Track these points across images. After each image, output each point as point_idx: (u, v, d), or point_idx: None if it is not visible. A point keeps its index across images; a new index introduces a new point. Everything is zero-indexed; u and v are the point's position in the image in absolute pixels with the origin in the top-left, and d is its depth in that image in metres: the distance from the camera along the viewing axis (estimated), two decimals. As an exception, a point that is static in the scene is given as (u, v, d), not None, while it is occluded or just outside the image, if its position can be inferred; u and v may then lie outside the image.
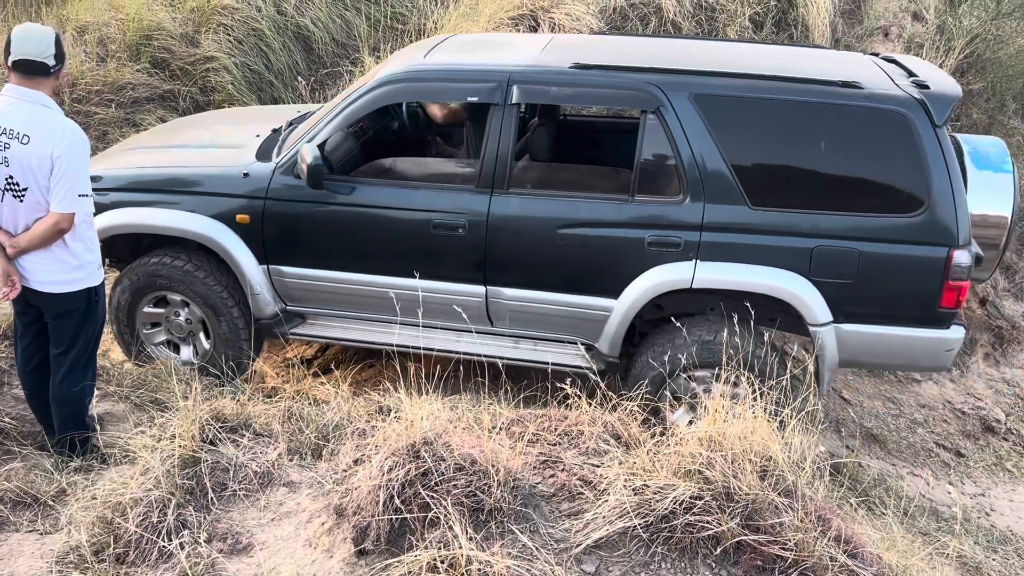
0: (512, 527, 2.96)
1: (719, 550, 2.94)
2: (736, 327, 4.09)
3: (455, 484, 2.98)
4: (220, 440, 3.53)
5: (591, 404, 3.66)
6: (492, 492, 2.99)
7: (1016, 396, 6.20)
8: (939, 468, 5.54)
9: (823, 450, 3.55)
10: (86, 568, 3.00)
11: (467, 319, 4.45)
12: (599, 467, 3.29)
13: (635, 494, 3.05)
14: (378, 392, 4.18)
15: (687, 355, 4.24)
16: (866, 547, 3.08)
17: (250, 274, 4.64)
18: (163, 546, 3.05)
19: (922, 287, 4.15)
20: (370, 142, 5.35)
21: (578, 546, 2.96)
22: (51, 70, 3.47)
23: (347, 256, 4.61)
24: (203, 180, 4.68)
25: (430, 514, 2.91)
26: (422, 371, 4.06)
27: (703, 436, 3.20)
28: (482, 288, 4.52)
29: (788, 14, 8.00)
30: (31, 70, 3.43)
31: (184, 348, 4.94)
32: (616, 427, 3.55)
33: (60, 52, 3.49)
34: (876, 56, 5.05)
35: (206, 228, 4.61)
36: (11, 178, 3.44)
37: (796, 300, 4.19)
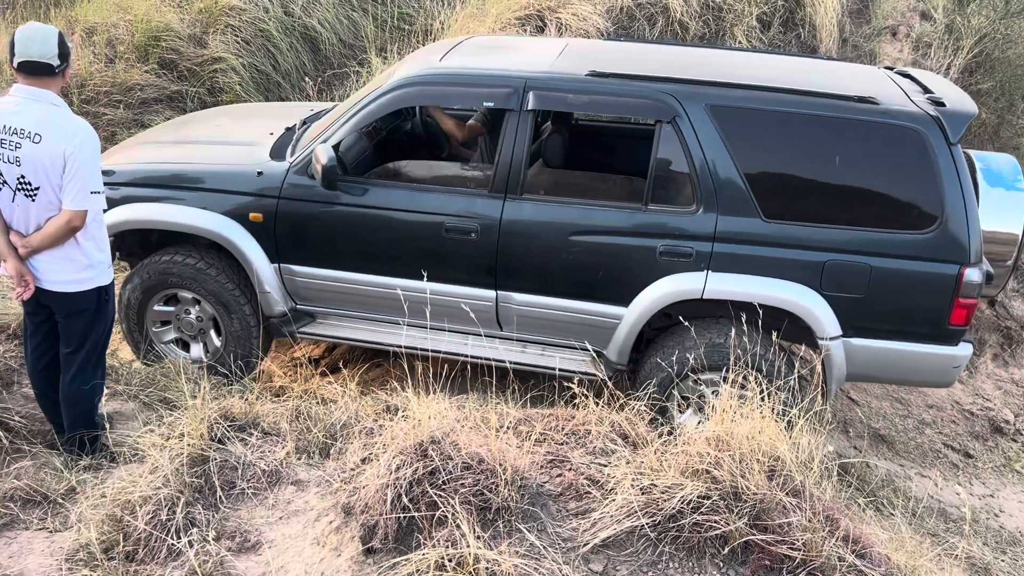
0: (520, 526, 2.96)
1: (727, 549, 2.94)
2: (744, 330, 4.09)
3: (463, 483, 2.99)
4: (228, 439, 3.54)
5: (598, 404, 3.66)
6: (499, 491, 2.99)
7: (1025, 397, 6.18)
8: (948, 469, 5.52)
9: (831, 450, 3.54)
10: (96, 566, 3.01)
11: (476, 323, 4.45)
12: (606, 466, 3.29)
13: (643, 493, 3.05)
14: (385, 392, 4.19)
15: (695, 357, 4.24)
16: (874, 547, 3.07)
17: (261, 272, 4.65)
18: (172, 544, 3.07)
19: (932, 304, 4.15)
20: (384, 144, 5.36)
21: (586, 545, 2.96)
22: (56, 70, 3.46)
23: (358, 257, 4.62)
24: (216, 177, 4.69)
25: (438, 513, 2.92)
26: (429, 371, 4.06)
27: (711, 436, 3.20)
28: (492, 292, 4.52)
29: (796, 14, 7.99)
30: (36, 71, 3.44)
31: (194, 346, 4.96)
32: (623, 427, 3.55)
33: (64, 51, 3.48)
34: (891, 70, 5.04)
35: (218, 226, 4.62)
36: (23, 177, 3.45)
37: (806, 313, 4.19)
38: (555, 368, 4.46)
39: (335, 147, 4.57)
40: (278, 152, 4.81)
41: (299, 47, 8.02)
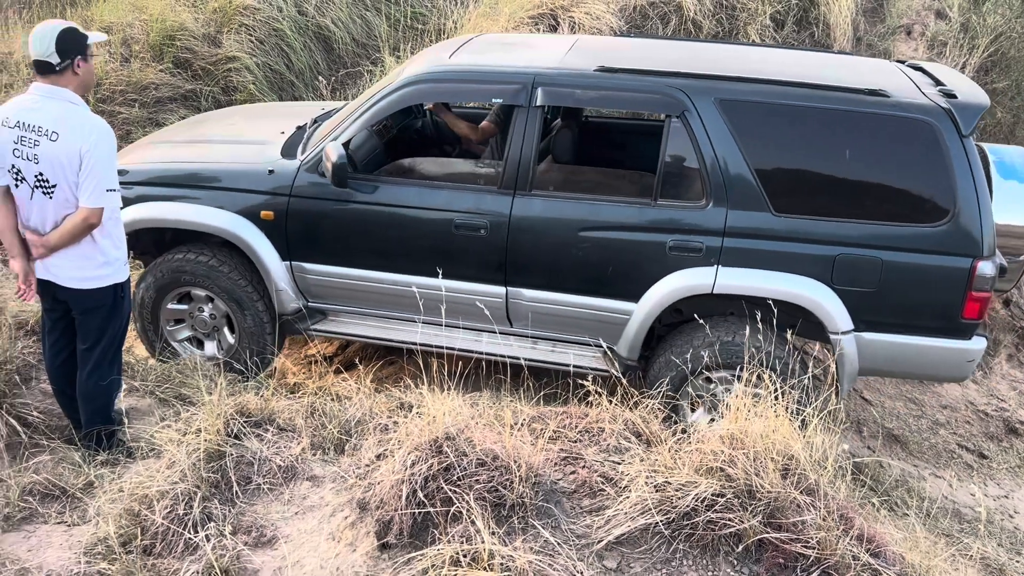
0: (534, 522, 2.98)
1: (741, 547, 2.95)
2: (756, 327, 4.08)
3: (477, 479, 3.00)
4: (245, 434, 3.57)
5: (611, 402, 3.67)
6: (514, 487, 3.00)
7: (1040, 397, 6.14)
8: (962, 470, 5.49)
9: (845, 449, 3.54)
10: (114, 559, 3.04)
11: (486, 319, 4.46)
12: (620, 464, 3.30)
13: (656, 491, 3.06)
14: (399, 389, 4.21)
15: (708, 355, 4.24)
16: (888, 547, 3.07)
17: (273, 270, 4.68)
18: (189, 538, 3.09)
19: (945, 297, 4.13)
20: (394, 141, 5.38)
21: (600, 542, 2.97)
22: (57, 67, 3.47)
23: (369, 254, 4.64)
24: (228, 176, 4.72)
25: (452, 508, 2.93)
26: (444, 368, 4.08)
27: (725, 434, 3.20)
28: (502, 289, 4.53)
29: (809, 12, 7.97)
30: (41, 69, 3.48)
31: (208, 344, 4.99)
32: (637, 425, 3.55)
33: (66, 47, 3.46)
34: (903, 63, 5.02)
35: (231, 224, 4.65)
36: (41, 175, 3.49)
37: (817, 308, 4.18)
38: (565, 364, 4.47)
39: (345, 145, 4.59)
40: (289, 151, 4.84)
41: (313, 46, 8.05)
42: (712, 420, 4.27)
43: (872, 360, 4.31)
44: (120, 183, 3.85)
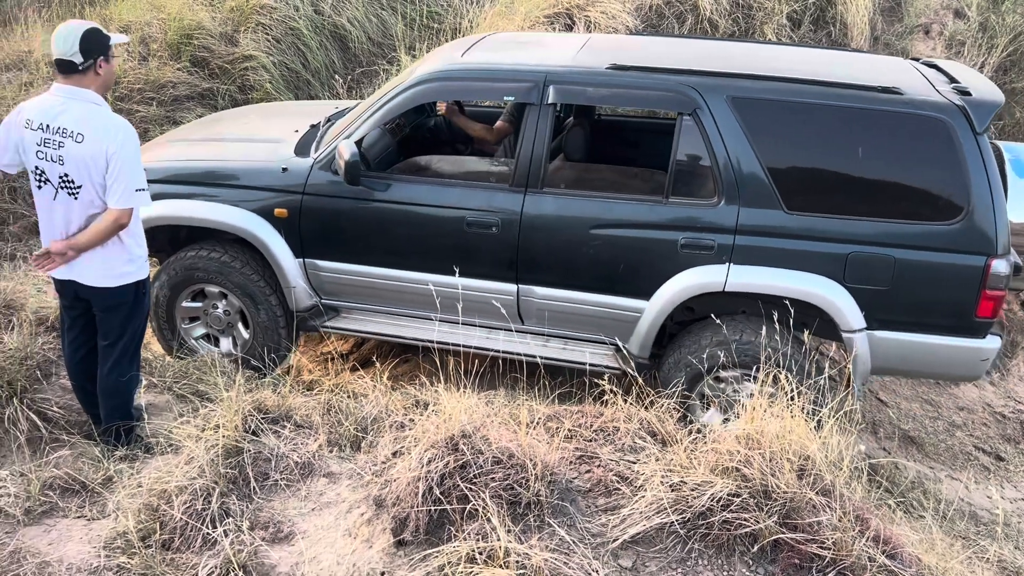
0: (549, 520, 2.99)
1: (756, 548, 2.95)
2: (766, 327, 4.07)
3: (493, 477, 3.01)
4: (262, 431, 3.59)
5: (627, 401, 3.67)
6: (529, 485, 3.02)
7: (1058, 400, 6.09)
8: (979, 472, 5.46)
9: (861, 450, 3.53)
10: (133, 554, 3.07)
11: (498, 317, 4.47)
12: (635, 463, 3.31)
13: (672, 490, 3.06)
14: (415, 386, 4.23)
15: (714, 354, 4.23)
16: (905, 548, 3.06)
17: (287, 268, 4.71)
18: (207, 533, 3.12)
19: (959, 296, 4.11)
20: (407, 139, 5.40)
21: (615, 541, 2.98)
22: (80, 67, 3.48)
23: (381, 251, 4.67)
24: (242, 174, 4.76)
25: (468, 506, 2.95)
26: (461, 366, 4.09)
27: (741, 434, 3.20)
28: (514, 286, 4.54)
29: (827, 12, 7.93)
30: (64, 69, 3.49)
31: (223, 341, 5.02)
32: (652, 424, 3.56)
33: (90, 47, 3.47)
34: (917, 61, 4.99)
35: (245, 221, 4.68)
36: (66, 175, 3.51)
37: (829, 306, 4.17)
38: (576, 362, 4.48)
39: (358, 143, 4.61)
40: (303, 149, 4.87)
41: (329, 45, 8.09)
42: (726, 420, 4.26)
43: (885, 359, 4.30)
44: None
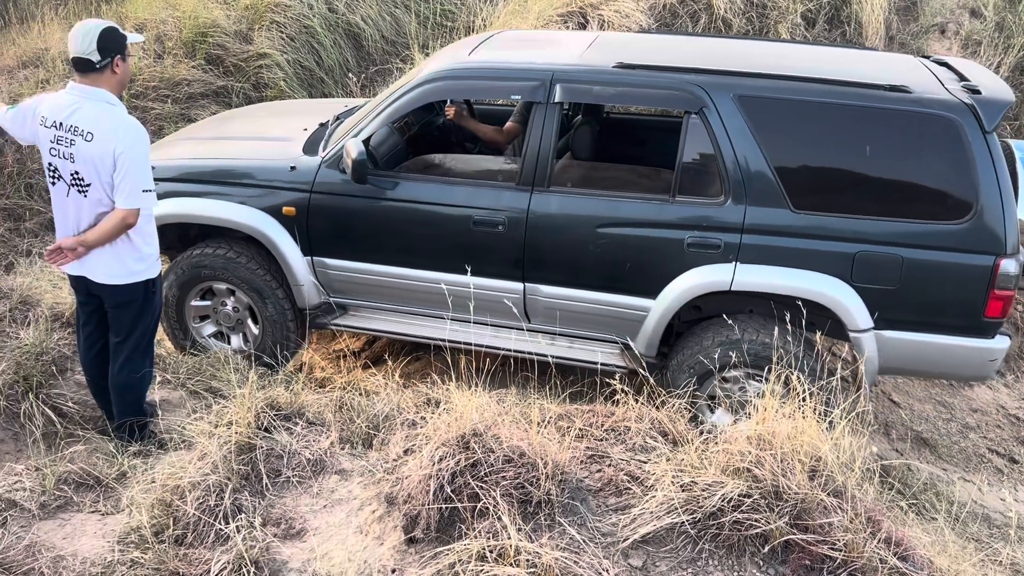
0: (560, 519, 2.99)
1: (767, 548, 2.94)
2: (769, 326, 4.07)
3: (504, 475, 3.02)
4: (275, 427, 3.61)
5: (638, 401, 3.67)
6: (540, 484, 3.02)
7: (1073, 402, 6.04)
8: (992, 474, 5.42)
9: (874, 451, 3.51)
10: (146, 548, 3.09)
11: (504, 315, 4.48)
12: (646, 463, 3.30)
13: (683, 491, 3.06)
14: (426, 384, 4.25)
15: (719, 354, 4.23)
16: (916, 550, 3.05)
17: (295, 265, 4.73)
18: (220, 529, 3.14)
19: (967, 295, 4.08)
20: (415, 138, 5.41)
21: (625, 540, 2.98)
22: (97, 65, 3.51)
23: (388, 250, 4.68)
24: (251, 172, 4.78)
25: (479, 504, 2.96)
26: (473, 364, 4.10)
27: (752, 435, 3.19)
28: (520, 285, 4.55)
29: (841, 11, 7.89)
30: (81, 67, 3.52)
31: (234, 338, 5.05)
32: (664, 424, 3.55)
33: (107, 46, 3.50)
34: (927, 59, 4.96)
35: (253, 220, 4.70)
36: (76, 173, 3.56)
37: (836, 305, 4.14)
38: (582, 360, 4.49)
39: (365, 142, 4.62)
40: (311, 147, 4.89)
41: (343, 43, 8.11)
42: (735, 420, 4.25)
43: (892, 359, 4.27)
44: None
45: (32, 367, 4.15)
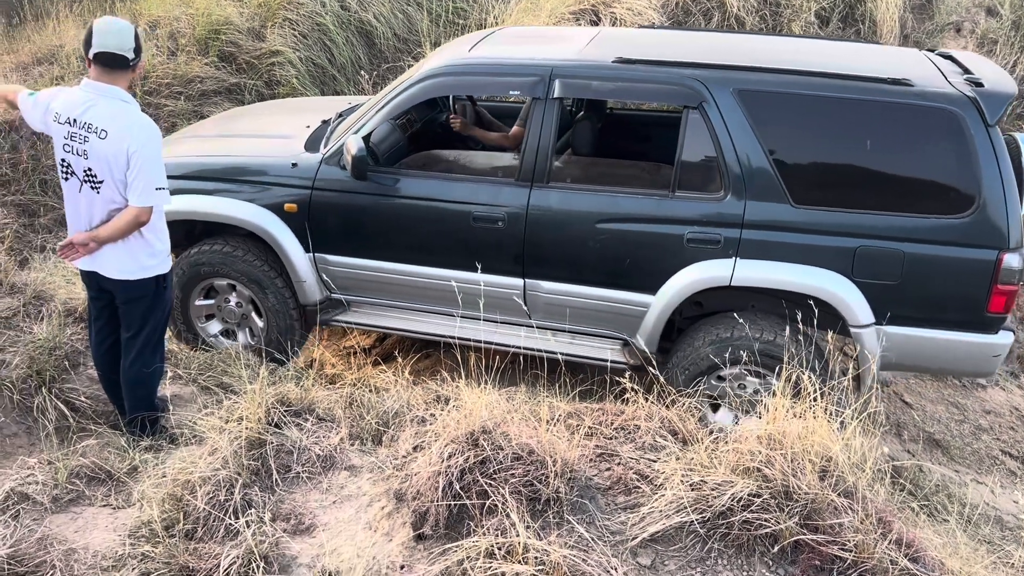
0: (569, 517, 2.99)
1: (777, 548, 2.93)
2: (766, 323, 4.04)
3: (513, 473, 3.02)
4: (285, 423, 3.62)
5: (647, 399, 3.66)
6: (549, 482, 3.02)
7: (1088, 404, 5.99)
8: (1004, 476, 5.38)
9: (885, 452, 3.49)
10: (157, 542, 3.11)
11: (504, 311, 4.47)
12: (655, 462, 3.30)
13: (692, 490, 3.05)
14: (436, 382, 4.25)
15: (714, 352, 4.21)
16: (927, 552, 3.03)
17: (297, 262, 4.74)
18: (230, 524, 3.16)
19: (969, 290, 4.04)
20: (415, 134, 5.41)
21: (634, 539, 2.97)
22: (130, 63, 3.57)
23: (388, 246, 4.68)
24: (253, 169, 4.80)
25: (488, 502, 2.96)
26: (482, 362, 4.10)
27: (762, 434, 3.18)
28: (520, 281, 4.54)
29: (856, 9, 7.84)
30: (112, 63, 3.53)
31: (240, 334, 5.07)
32: (673, 423, 3.54)
33: (139, 46, 3.59)
34: (932, 52, 4.92)
35: (256, 216, 4.72)
36: (89, 170, 3.58)
37: (837, 301, 4.12)
38: (583, 356, 4.48)
39: (366, 138, 4.63)
40: (313, 144, 4.90)
41: (355, 41, 8.13)
42: (735, 420, 4.23)
43: (894, 354, 4.23)
44: None
45: (45, 362, 4.18)
